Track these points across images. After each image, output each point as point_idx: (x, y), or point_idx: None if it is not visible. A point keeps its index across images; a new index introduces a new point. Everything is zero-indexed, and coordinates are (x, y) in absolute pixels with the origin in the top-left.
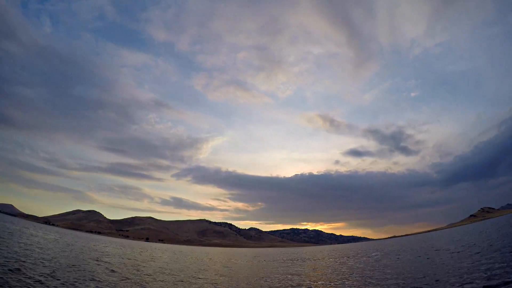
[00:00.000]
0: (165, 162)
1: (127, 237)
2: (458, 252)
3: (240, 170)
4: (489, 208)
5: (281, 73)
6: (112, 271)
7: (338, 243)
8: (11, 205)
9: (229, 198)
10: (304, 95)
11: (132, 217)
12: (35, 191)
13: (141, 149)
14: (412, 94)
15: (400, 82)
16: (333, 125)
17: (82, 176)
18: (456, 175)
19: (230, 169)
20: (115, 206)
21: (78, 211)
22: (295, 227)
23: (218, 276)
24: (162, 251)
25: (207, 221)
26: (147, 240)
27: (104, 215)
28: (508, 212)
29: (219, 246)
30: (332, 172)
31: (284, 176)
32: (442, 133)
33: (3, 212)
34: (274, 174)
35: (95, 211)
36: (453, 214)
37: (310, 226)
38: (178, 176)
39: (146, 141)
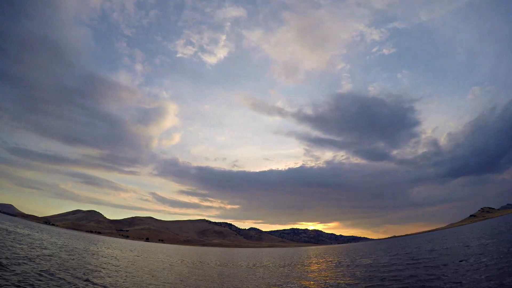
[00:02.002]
0: (122, 152)
1: (127, 237)
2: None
3: (200, 162)
4: (489, 208)
5: (206, 31)
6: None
7: (338, 243)
8: (11, 205)
9: (206, 195)
10: (242, 57)
11: (132, 217)
12: (22, 189)
13: (93, 136)
14: (385, 52)
15: (363, 33)
16: (291, 104)
17: (53, 169)
18: (454, 169)
19: (187, 160)
20: (98, 202)
21: (78, 211)
22: (294, 227)
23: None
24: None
25: (207, 221)
26: (147, 240)
27: (104, 215)
28: (508, 212)
29: (219, 246)
30: (312, 165)
31: (254, 171)
32: (433, 113)
33: (3, 212)
34: (241, 168)
35: (95, 211)
36: (452, 214)
37: (304, 226)
38: (140, 168)
39: (93, 126)
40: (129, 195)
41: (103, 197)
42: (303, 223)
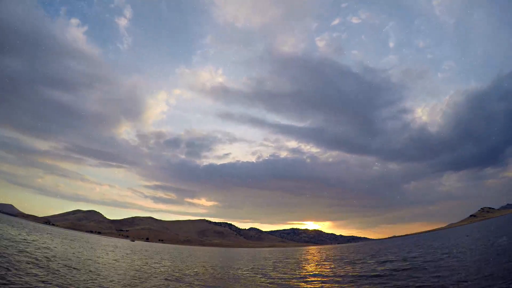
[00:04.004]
0: (81, 141)
1: (127, 237)
2: None
3: (153, 151)
4: (489, 208)
5: None
6: None
7: (338, 243)
8: (11, 205)
9: (180, 190)
10: (152, 13)
11: (132, 217)
12: (12, 185)
13: (50, 125)
14: None
15: None
16: (232, 79)
17: (29, 162)
18: (452, 163)
19: (139, 145)
20: (77, 198)
21: (78, 211)
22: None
23: None
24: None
25: (207, 221)
26: (147, 240)
27: (104, 215)
28: (508, 212)
29: (219, 246)
30: (282, 156)
31: (220, 163)
32: (420, 86)
33: (3, 212)
34: (197, 157)
35: (95, 211)
36: (452, 213)
37: (292, 226)
38: (104, 160)
39: (43, 112)
40: (106, 189)
41: (77, 192)
42: (294, 222)
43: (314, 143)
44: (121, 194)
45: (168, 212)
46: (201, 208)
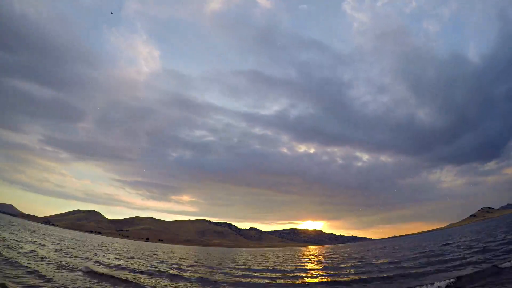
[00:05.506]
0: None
1: (127, 237)
2: None
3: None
4: (489, 208)
5: None
6: None
7: (338, 243)
8: (11, 205)
9: (163, 186)
10: None
11: (132, 217)
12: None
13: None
14: None
15: None
16: (170, 58)
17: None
18: (449, 158)
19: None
20: (60, 194)
21: (78, 211)
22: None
23: None
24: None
25: (207, 221)
26: (147, 240)
27: (104, 215)
28: (508, 212)
29: (219, 246)
30: (262, 148)
31: (193, 156)
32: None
33: (3, 212)
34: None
35: (95, 211)
36: (451, 213)
37: (289, 225)
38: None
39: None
40: (86, 183)
41: (61, 189)
42: (287, 221)
43: (286, 133)
44: (106, 191)
45: (160, 211)
46: (187, 205)
